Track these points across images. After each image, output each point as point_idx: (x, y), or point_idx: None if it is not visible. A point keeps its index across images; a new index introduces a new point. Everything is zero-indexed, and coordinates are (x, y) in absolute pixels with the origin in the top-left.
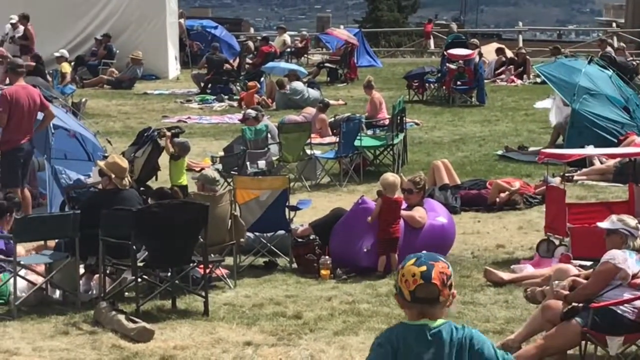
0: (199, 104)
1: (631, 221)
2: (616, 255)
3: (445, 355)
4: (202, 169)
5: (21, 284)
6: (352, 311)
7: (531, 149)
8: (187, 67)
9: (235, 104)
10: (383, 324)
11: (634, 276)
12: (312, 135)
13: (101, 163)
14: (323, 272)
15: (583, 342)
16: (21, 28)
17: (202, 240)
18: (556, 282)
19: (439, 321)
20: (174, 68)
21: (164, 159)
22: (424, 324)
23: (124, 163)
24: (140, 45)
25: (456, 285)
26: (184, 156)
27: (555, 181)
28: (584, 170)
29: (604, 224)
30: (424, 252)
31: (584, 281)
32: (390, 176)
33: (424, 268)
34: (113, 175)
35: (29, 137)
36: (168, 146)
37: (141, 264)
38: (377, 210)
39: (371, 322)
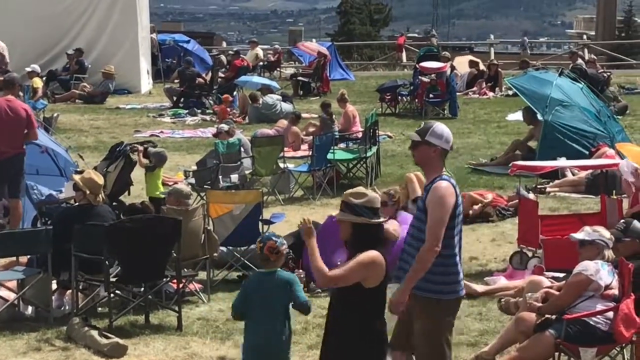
0: (171, 118)
1: (606, 233)
2: (588, 267)
3: (277, 285)
4: (175, 183)
5: None
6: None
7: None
8: (159, 81)
9: (208, 117)
10: None
11: (607, 287)
12: (285, 149)
13: (76, 177)
14: None
15: (556, 354)
16: None
17: (175, 254)
18: (529, 294)
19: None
20: (146, 82)
21: (138, 174)
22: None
23: (100, 179)
24: (112, 59)
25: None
26: (160, 166)
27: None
28: (556, 182)
29: (578, 236)
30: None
31: (557, 293)
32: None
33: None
34: (88, 191)
35: (12, 151)
36: (141, 160)
37: (114, 279)
38: None
39: None
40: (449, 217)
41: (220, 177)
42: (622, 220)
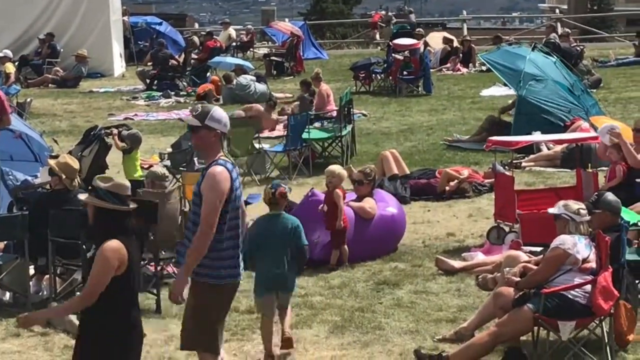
0: (145, 101)
1: (574, 206)
2: (566, 241)
3: (284, 226)
4: (151, 166)
5: None
6: (305, 304)
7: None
8: (132, 64)
9: (182, 99)
10: (336, 316)
11: (584, 261)
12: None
13: (52, 162)
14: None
15: (535, 328)
16: None
17: (152, 237)
18: (507, 269)
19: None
20: (119, 65)
21: (116, 158)
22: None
23: (75, 164)
24: (85, 43)
25: (408, 275)
26: (136, 148)
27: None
28: (532, 156)
29: (551, 210)
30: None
31: (535, 267)
32: (336, 168)
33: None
34: (64, 176)
35: None
36: (117, 143)
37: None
38: (342, 205)
39: (324, 315)
40: (224, 201)
41: (195, 159)
42: (595, 193)
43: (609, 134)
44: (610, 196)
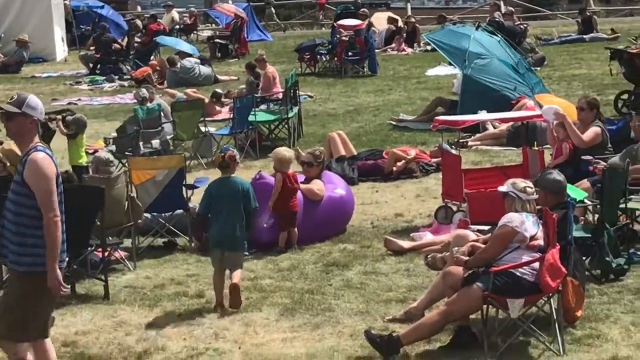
0: (88, 85)
1: (521, 184)
2: (513, 219)
3: (234, 189)
4: (96, 151)
5: None
6: (255, 287)
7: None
8: (74, 49)
9: (126, 83)
10: (286, 298)
11: (532, 238)
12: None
13: None
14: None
15: (484, 306)
16: None
17: (99, 223)
18: (456, 248)
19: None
20: (61, 50)
21: (61, 144)
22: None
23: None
24: (26, 27)
25: (357, 256)
26: (81, 133)
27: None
28: (478, 135)
29: (500, 188)
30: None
31: (483, 246)
32: (283, 151)
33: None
34: (8, 163)
35: None
36: (61, 128)
37: None
38: (279, 187)
39: (274, 298)
40: None
41: (141, 143)
42: (542, 171)
43: (554, 114)
44: (549, 175)
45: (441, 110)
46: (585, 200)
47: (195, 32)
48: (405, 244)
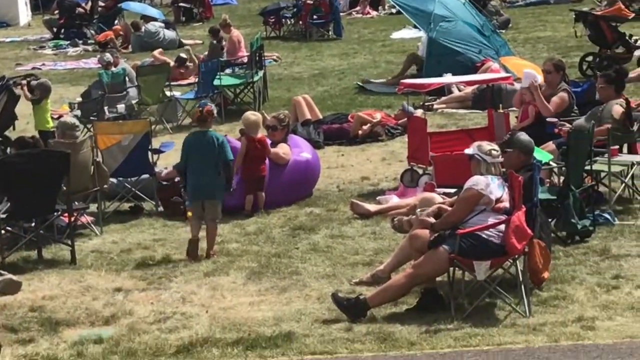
0: (52, 50)
1: (486, 147)
2: (479, 181)
3: (210, 141)
4: (60, 116)
5: None
6: (222, 251)
7: (383, 80)
8: (38, 13)
9: (90, 48)
10: (253, 262)
11: (498, 200)
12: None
13: None
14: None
15: (451, 269)
16: None
17: (65, 188)
18: (420, 209)
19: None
20: (24, 14)
21: (25, 109)
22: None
23: None
24: None
25: (323, 220)
26: (46, 98)
27: (417, 111)
28: (443, 98)
29: (466, 150)
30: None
31: (449, 208)
32: (251, 115)
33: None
34: None
35: None
36: (26, 93)
37: (4, 216)
38: (243, 151)
39: (241, 261)
40: None
41: (106, 107)
42: (508, 133)
43: (531, 82)
44: (522, 135)
45: (415, 69)
46: (551, 163)
47: None
48: (372, 207)
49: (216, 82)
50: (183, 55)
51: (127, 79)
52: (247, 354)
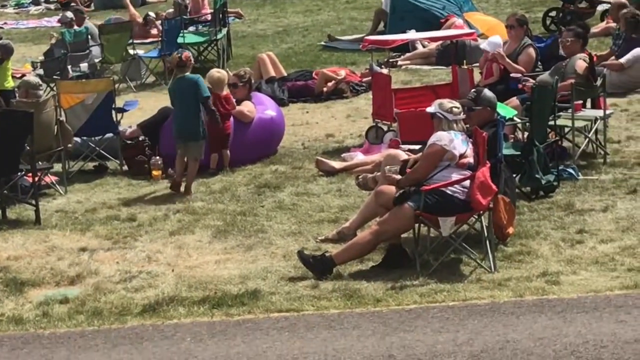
0: (14, 9)
1: (447, 104)
2: (442, 137)
3: (187, 84)
4: (23, 75)
5: None
6: (187, 210)
7: (354, 36)
8: None
9: (52, 6)
10: (218, 220)
11: (461, 156)
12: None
13: None
14: (154, 172)
15: (416, 225)
16: None
17: (28, 148)
18: (388, 167)
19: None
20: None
21: None
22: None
23: None
24: None
25: (289, 177)
26: (7, 58)
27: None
28: (408, 55)
29: (428, 109)
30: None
31: (416, 156)
32: (215, 72)
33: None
34: None
35: None
36: None
37: None
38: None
39: (206, 220)
40: None
41: (69, 66)
42: (472, 90)
43: (497, 52)
44: (488, 92)
45: (383, 25)
46: (515, 118)
47: None
48: (337, 164)
49: (180, 40)
50: (151, 14)
51: (89, 37)
52: (214, 312)
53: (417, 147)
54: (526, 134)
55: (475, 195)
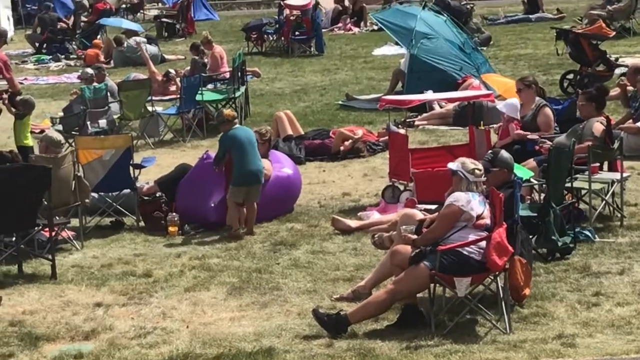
0: (34, 65)
1: (470, 165)
2: (460, 198)
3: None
4: (42, 130)
5: None
6: (202, 266)
7: (372, 96)
8: (20, 28)
9: (72, 63)
10: (234, 277)
11: (478, 217)
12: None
13: None
14: (171, 229)
15: (432, 285)
16: None
17: (46, 203)
18: (404, 226)
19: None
20: (7, 29)
21: (5, 123)
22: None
23: None
24: None
25: (305, 235)
26: (29, 114)
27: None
28: (425, 115)
29: (450, 164)
30: None
31: (432, 216)
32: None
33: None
34: None
35: None
36: (9, 108)
37: None
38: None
39: (222, 277)
40: None
41: (88, 122)
42: (490, 151)
43: (511, 126)
44: (505, 154)
45: (401, 85)
46: (532, 180)
47: (141, 11)
48: (353, 223)
49: (198, 97)
50: (172, 70)
51: (109, 94)
52: None
53: (433, 207)
54: (543, 195)
55: (491, 255)
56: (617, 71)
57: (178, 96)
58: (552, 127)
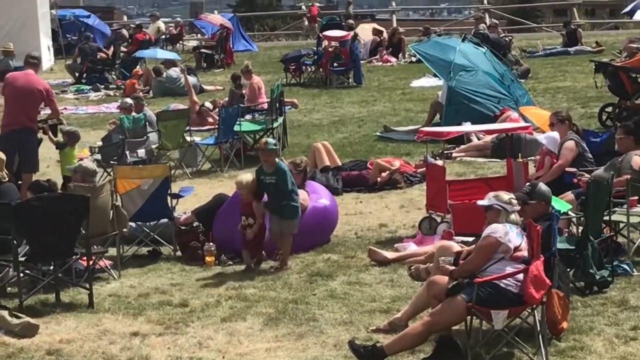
0: (74, 94)
1: (505, 196)
2: (497, 229)
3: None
4: (81, 159)
5: None
6: (239, 297)
7: (409, 127)
8: (60, 58)
9: (111, 92)
10: (270, 308)
11: (516, 249)
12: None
13: None
14: (208, 258)
15: (468, 317)
16: None
17: (84, 232)
18: (442, 257)
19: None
20: (47, 59)
21: (46, 152)
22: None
23: (1, 155)
24: (11, 36)
25: (341, 266)
26: (72, 145)
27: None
28: (462, 147)
29: (480, 202)
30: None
31: (469, 247)
32: (245, 178)
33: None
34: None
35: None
36: (52, 138)
37: (23, 259)
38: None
39: (258, 307)
40: None
41: (127, 152)
42: (527, 184)
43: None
44: (543, 186)
45: (439, 117)
46: (570, 212)
47: (181, 42)
48: (389, 254)
49: (236, 127)
50: (207, 104)
51: (147, 123)
52: None
53: (470, 239)
54: (581, 228)
55: (528, 288)
56: None
57: (216, 127)
58: (567, 158)
